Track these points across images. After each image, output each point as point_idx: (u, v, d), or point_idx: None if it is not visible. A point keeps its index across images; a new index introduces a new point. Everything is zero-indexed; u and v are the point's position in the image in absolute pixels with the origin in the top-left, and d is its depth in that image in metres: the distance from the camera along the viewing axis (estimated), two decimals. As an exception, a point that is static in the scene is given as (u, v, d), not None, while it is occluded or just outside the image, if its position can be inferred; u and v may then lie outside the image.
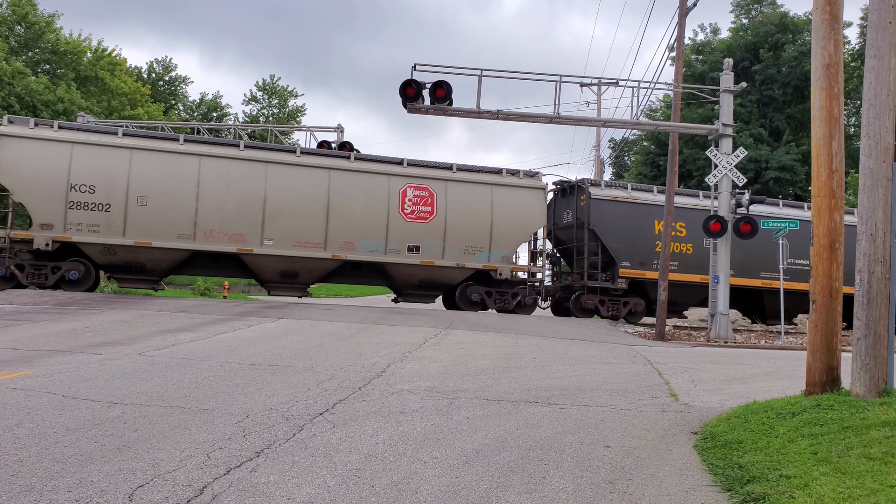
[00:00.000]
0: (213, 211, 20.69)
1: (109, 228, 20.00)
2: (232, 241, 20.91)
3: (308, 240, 21.39)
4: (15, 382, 7.71)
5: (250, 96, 60.90)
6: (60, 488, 4.65)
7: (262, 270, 21.76)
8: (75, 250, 20.17)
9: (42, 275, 19.90)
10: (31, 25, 38.39)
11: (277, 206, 21.12)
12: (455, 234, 22.41)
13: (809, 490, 4.96)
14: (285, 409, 7.16)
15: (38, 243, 19.54)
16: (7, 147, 19.65)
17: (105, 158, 20.14)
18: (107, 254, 20.27)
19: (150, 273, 21.12)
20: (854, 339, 7.10)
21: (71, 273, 19.97)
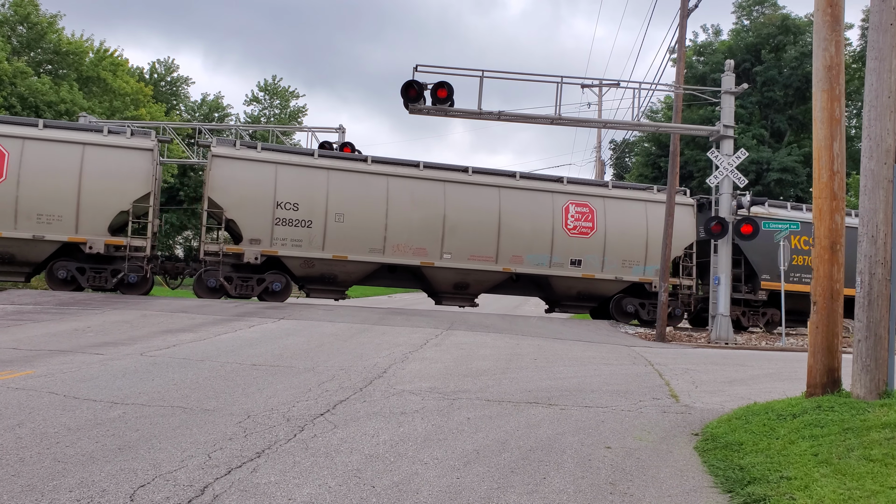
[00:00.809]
0: (399, 227, 22.01)
1: (311, 243, 21.39)
2: (416, 255, 22.23)
3: (482, 254, 22.58)
4: (17, 382, 7.72)
5: (252, 97, 60.92)
6: (62, 488, 4.66)
7: (438, 282, 23.12)
8: (277, 263, 21.49)
9: (248, 286, 21.40)
10: (33, 26, 38.39)
11: (455, 222, 22.19)
12: (614, 248, 23.20)
13: (810, 492, 4.96)
14: (286, 410, 7.17)
15: (248, 257, 21.00)
16: (219, 167, 21.01)
17: (306, 178, 21.57)
18: (305, 267, 21.68)
19: (340, 284, 22.56)
20: (855, 340, 7.11)
21: (274, 284, 21.46)
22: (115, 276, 20.34)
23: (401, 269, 22.72)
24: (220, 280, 21.00)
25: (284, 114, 60.19)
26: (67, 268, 20.08)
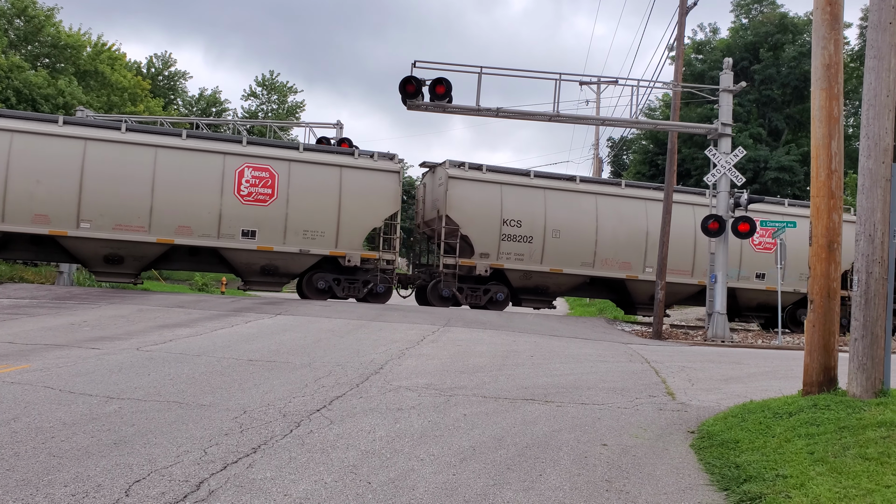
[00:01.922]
0: (608, 242, 23.66)
1: (531, 257, 23.25)
2: (621, 269, 23.96)
3: (679, 268, 23.90)
4: (12, 376, 7.70)
5: (250, 92, 60.83)
6: (57, 483, 4.65)
7: (638, 294, 24.53)
8: (499, 275, 23.38)
9: (476, 296, 23.30)
10: (31, 19, 38.27)
11: (655, 237, 22.56)
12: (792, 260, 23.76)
13: (806, 490, 4.97)
14: (282, 406, 7.16)
15: (479, 270, 22.97)
16: (454, 188, 22.78)
17: (526, 197, 23.32)
18: (524, 279, 23.47)
19: (549, 295, 24.39)
20: (851, 339, 7.11)
21: (498, 294, 23.44)
22: (366, 287, 22.19)
23: (601, 282, 24.58)
24: (452, 290, 22.96)
25: (282, 109, 60.09)
26: (325, 279, 22.01)
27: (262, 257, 21.29)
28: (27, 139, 19.54)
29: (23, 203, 19.41)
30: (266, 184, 21.18)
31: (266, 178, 21.23)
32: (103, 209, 19.90)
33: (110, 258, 20.49)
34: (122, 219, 20.09)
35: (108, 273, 20.93)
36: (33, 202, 19.47)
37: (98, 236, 19.94)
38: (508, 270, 23.17)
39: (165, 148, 20.54)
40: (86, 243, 20.03)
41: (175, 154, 20.57)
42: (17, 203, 19.39)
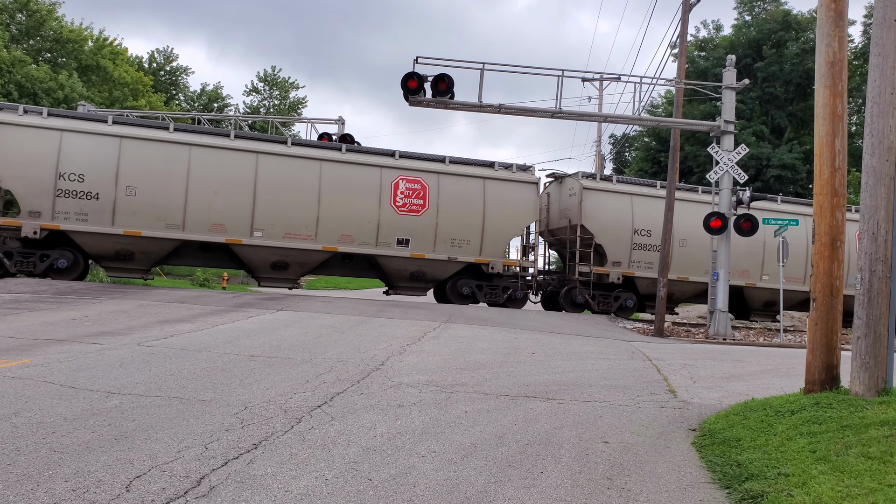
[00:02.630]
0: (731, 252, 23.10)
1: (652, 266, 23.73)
2: (741, 276, 24.70)
3: (791, 274, 24.44)
4: (13, 371, 7.70)
5: (251, 87, 60.79)
6: (57, 478, 4.64)
7: (754, 300, 25.60)
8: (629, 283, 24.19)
9: (607, 302, 24.01)
10: (33, 13, 38.25)
11: (773, 247, 23.25)
12: None
13: (808, 488, 4.95)
14: (283, 402, 7.15)
15: (612, 277, 23.95)
16: (588, 198, 23.66)
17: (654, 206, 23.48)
18: (650, 286, 23.78)
19: (673, 302, 25.24)
20: (854, 337, 7.09)
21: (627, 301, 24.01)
22: (505, 293, 23.05)
23: None
24: (585, 297, 23.69)
25: (284, 104, 60.06)
26: (469, 284, 22.92)
27: (413, 264, 22.45)
28: (204, 152, 20.79)
29: (201, 213, 20.66)
30: (418, 195, 22.35)
31: (418, 189, 22.36)
32: (274, 219, 21.18)
33: (277, 265, 21.68)
34: (292, 228, 21.35)
35: (273, 279, 22.13)
36: (211, 212, 20.75)
37: (269, 244, 21.22)
38: (638, 278, 23.93)
39: (328, 161, 21.83)
40: (257, 251, 21.30)
41: (337, 167, 21.83)
42: (196, 213, 20.64)
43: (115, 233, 20.10)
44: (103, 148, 20.11)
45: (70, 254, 20.10)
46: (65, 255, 20.00)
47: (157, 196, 20.35)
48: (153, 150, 20.45)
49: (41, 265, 19.83)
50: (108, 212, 20.08)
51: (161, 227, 20.44)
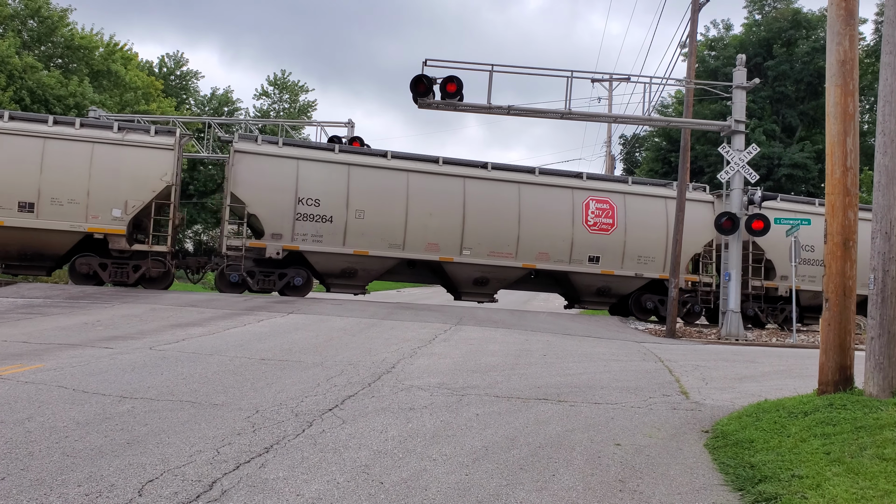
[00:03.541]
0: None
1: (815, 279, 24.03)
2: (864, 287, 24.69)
3: None
4: (26, 376, 7.74)
5: (261, 91, 60.99)
6: (70, 482, 4.66)
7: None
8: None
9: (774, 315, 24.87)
10: (44, 20, 38.49)
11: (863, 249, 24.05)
12: None
13: (822, 490, 4.91)
14: (295, 405, 7.16)
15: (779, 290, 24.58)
16: None
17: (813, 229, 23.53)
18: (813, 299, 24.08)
19: None
20: (868, 338, 7.04)
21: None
22: (685, 307, 23.62)
23: None
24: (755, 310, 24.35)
25: (294, 108, 60.20)
26: (651, 299, 23.67)
27: (601, 280, 23.34)
28: (419, 177, 22.42)
29: (419, 233, 22.24)
30: (607, 214, 23.28)
31: (607, 209, 23.31)
32: (481, 238, 22.55)
33: (479, 281, 23.15)
34: (496, 247, 22.63)
35: (473, 293, 23.65)
36: (427, 233, 22.30)
37: (475, 262, 22.63)
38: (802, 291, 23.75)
39: (526, 184, 23.04)
40: (463, 268, 22.69)
41: (533, 189, 23.05)
42: (415, 234, 22.21)
43: (345, 252, 21.79)
44: (334, 175, 21.91)
45: (304, 272, 21.94)
46: (300, 273, 21.83)
47: (382, 218, 21.97)
48: (376, 176, 22.25)
49: (280, 283, 21.71)
50: (340, 233, 21.76)
51: (385, 246, 22.05)
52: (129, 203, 20.32)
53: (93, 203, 20.07)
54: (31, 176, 19.73)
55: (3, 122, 19.97)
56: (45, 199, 19.79)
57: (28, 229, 19.75)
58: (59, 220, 19.90)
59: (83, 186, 20.02)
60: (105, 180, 20.16)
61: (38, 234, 19.88)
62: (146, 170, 20.57)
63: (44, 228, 19.81)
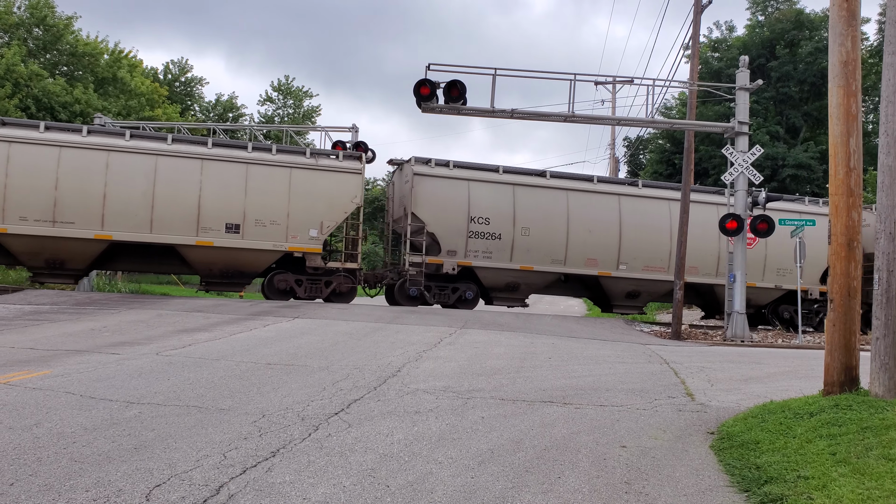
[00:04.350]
0: None
1: None
2: None
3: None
4: (34, 382, 7.78)
5: (266, 97, 61.15)
6: (78, 488, 4.69)
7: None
8: None
9: None
10: (50, 28, 38.66)
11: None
12: None
13: (828, 491, 4.92)
14: (301, 409, 7.18)
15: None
16: None
17: None
18: None
19: None
20: (873, 338, 7.04)
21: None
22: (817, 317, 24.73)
23: None
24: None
25: (298, 113, 60.33)
26: (788, 310, 25.06)
27: None
28: (578, 196, 23.72)
29: (579, 249, 23.57)
30: None
31: None
32: (636, 253, 23.89)
33: (632, 294, 24.50)
34: (649, 261, 23.98)
35: (626, 306, 24.90)
36: (586, 248, 23.61)
37: (630, 276, 23.96)
38: None
39: (675, 201, 23.01)
40: (618, 282, 23.95)
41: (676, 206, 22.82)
42: (575, 249, 23.56)
43: (511, 268, 23.26)
44: (500, 194, 23.37)
45: (474, 286, 23.44)
46: (470, 287, 23.40)
47: (545, 235, 23.24)
48: (539, 195, 23.57)
49: (453, 296, 23.27)
50: (508, 250, 23.21)
51: (548, 262, 23.37)
52: (323, 223, 21.90)
53: (292, 224, 21.56)
54: (236, 200, 21.22)
55: (208, 149, 21.41)
56: (249, 221, 21.30)
57: (234, 249, 21.28)
58: (263, 240, 21.44)
59: (283, 209, 21.52)
60: (302, 203, 21.68)
61: (243, 254, 21.44)
62: (338, 192, 22.07)
63: (249, 248, 21.36)
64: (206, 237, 20.95)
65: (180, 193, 20.84)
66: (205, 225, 20.93)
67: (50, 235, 20.11)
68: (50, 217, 20.07)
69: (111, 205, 20.35)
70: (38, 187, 19.99)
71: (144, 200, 20.58)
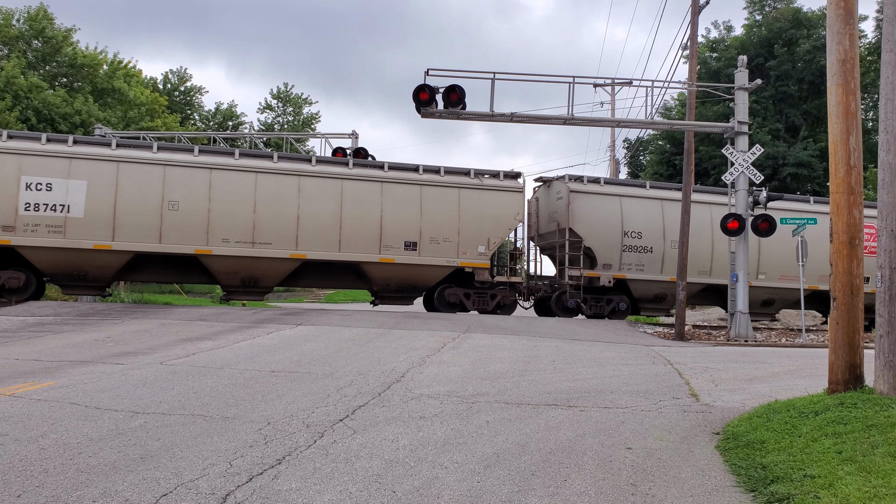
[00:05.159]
0: None
1: None
2: None
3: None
4: (39, 394, 7.79)
5: (265, 105, 61.25)
6: (85, 498, 4.69)
7: None
8: None
9: None
10: (49, 40, 38.78)
11: None
12: None
13: (834, 490, 4.91)
14: (306, 416, 7.19)
15: None
16: None
17: None
18: None
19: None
20: (876, 336, 7.03)
21: None
22: None
23: None
24: None
25: (297, 121, 60.42)
26: None
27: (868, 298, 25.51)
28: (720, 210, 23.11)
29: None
30: (873, 238, 24.32)
31: (873, 233, 24.81)
32: (773, 263, 24.73)
33: (767, 302, 25.37)
34: (785, 271, 24.54)
35: (759, 314, 25.20)
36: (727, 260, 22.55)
37: (766, 285, 24.88)
38: None
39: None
40: (756, 291, 24.14)
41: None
42: (720, 261, 23.65)
43: (661, 280, 24.14)
44: (650, 208, 24.24)
45: (626, 298, 24.18)
46: (623, 299, 24.17)
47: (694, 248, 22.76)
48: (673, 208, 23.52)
49: (607, 308, 24.01)
50: (659, 262, 24.11)
51: (695, 273, 23.76)
52: (490, 240, 23.12)
53: (462, 241, 22.87)
54: (413, 219, 22.56)
55: (385, 172, 22.74)
56: (425, 239, 22.63)
57: (412, 265, 22.57)
58: (437, 256, 22.70)
59: (454, 227, 22.84)
60: (470, 221, 22.95)
61: (419, 269, 22.70)
62: (503, 210, 23.26)
63: (425, 264, 22.64)
64: (388, 254, 22.40)
65: (364, 214, 22.25)
66: (386, 243, 22.37)
67: (249, 256, 21.41)
68: (249, 239, 21.39)
69: (304, 226, 21.75)
70: (237, 212, 21.26)
71: (333, 221, 22.01)
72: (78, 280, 20.85)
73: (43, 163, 20.02)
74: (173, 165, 20.85)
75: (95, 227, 20.19)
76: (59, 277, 20.88)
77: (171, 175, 20.82)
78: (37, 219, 19.84)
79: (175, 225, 20.72)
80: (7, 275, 20.08)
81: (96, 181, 20.26)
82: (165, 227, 20.67)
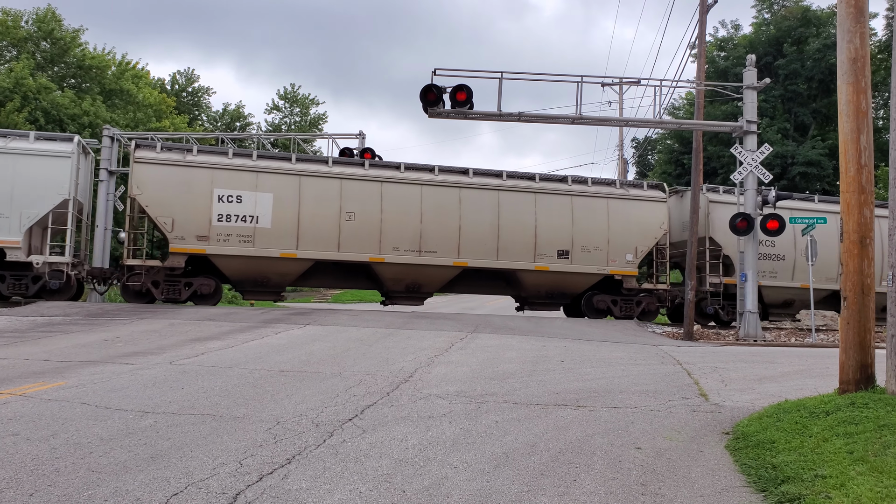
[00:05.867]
0: None
1: None
2: None
3: None
4: (49, 394, 7.83)
5: (272, 105, 61.38)
6: (97, 497, 4.71)
7: None
8: None
9: None
10: (57, 41, 38.94)
11: None
12: None
13: (846, 490, 4.89)
14: (315, 416, 7.20)
15: None
16: None
17: None
18: None
19: None
20: (888, 335, 7.00)
21: None
22: None
23: None
24: None
25: (305, 121, 60.52)
26: None
27: None
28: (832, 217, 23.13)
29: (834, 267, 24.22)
30: None
31: None
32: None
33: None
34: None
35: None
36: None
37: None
38: None
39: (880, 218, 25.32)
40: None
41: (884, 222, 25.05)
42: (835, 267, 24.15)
43: (791, 286, 24.99)
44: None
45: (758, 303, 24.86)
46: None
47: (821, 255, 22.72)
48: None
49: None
50: (790, 269, 24.97)
51: (823, 280, 24.44)
52: (637, 248, 23.85)
53: (611, 249, 23.63)
54: (565, 229, 23.41)
55: (536, 183, 23.58)
56: (577, 247, 23.43)
57: (564, 273, 23.39)
58: (588, 264, 23.51)
59: (604, 235, 23.60)
60: (619, 229, 23.70)
61: (570, 277, 23.52)
62: (649, 219, 23.98)
63: (576, 272, 23.47)
64: (542, 263, 23.25)
65: (519, 225, 23.12)
66: (540, 252, 23.22)
67: (416, 263, 22.52)
68: (417, 247, 22.47)
69: (465, 235, 22.78)
70: (406, 222, 22.42)
71: (491, 231, 22.97)
72: (260, 286, 22.38)
73: (232, 176, 21.42)
74: (349, 178, 22.23)
75: (281, 237, 21.50)
76: (243, 284, 22.37)
77: (346, 187, 22.11)
78: (228, 229, 21.19)
79: (351, 234, 21.99)
80: (199, 281, 21.57)
81: (281, 194, 21.59)
82: (343, 236, 21.95)
